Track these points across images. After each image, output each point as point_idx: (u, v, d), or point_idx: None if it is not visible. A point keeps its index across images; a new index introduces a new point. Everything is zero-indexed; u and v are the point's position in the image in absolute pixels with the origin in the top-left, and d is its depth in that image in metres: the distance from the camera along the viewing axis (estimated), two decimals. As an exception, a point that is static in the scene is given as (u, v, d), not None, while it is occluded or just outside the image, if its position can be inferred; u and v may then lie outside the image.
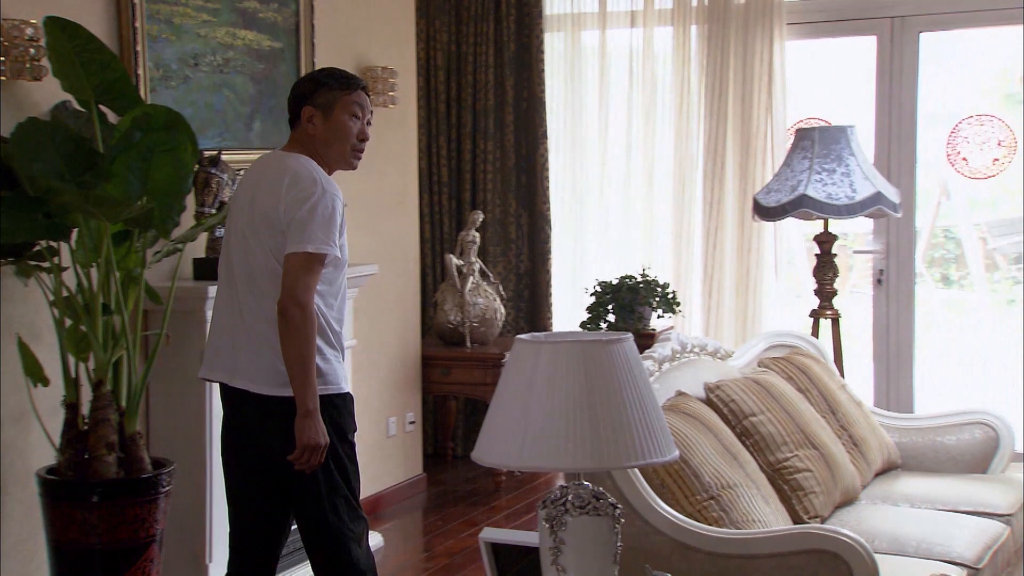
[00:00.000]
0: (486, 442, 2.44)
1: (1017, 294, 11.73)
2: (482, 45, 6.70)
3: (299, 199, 3.20)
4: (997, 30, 6.41)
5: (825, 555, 2.96)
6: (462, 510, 5.79)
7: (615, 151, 6.56)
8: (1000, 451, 4.29)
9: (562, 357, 2.36)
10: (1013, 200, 12.80)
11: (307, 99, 3.35)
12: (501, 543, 2.70)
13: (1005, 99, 11.38)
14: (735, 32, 6.23)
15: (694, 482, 3.26)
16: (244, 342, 3.28)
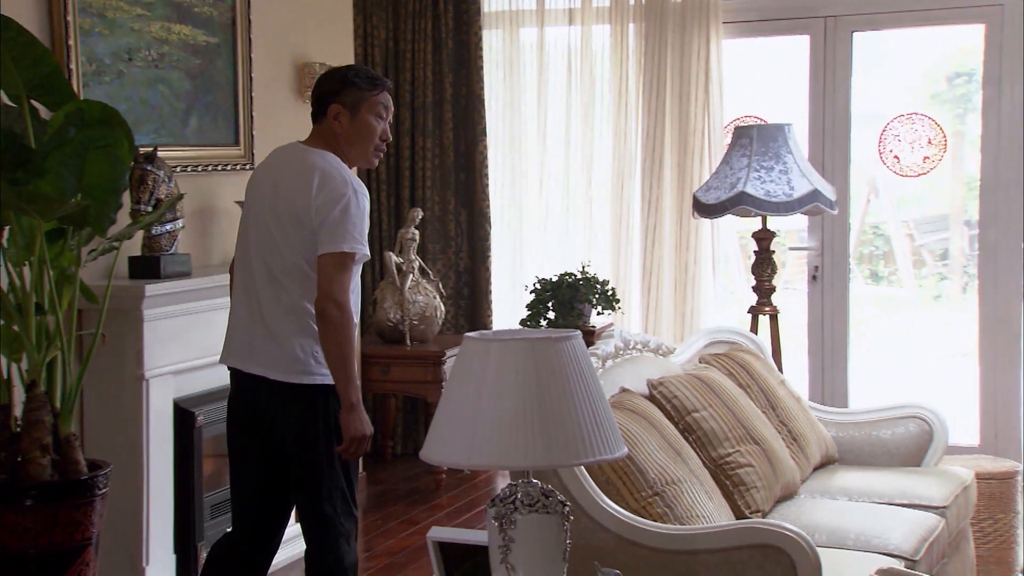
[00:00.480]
0: (435, 441, 2.43)
1: (943, 289, 11.97)
2: (420, 42, 6.67)
3: (331, 199, 3.26)
4: (926, 30, 6.53)
5: (769, 549, 2.98)
6: (402, 509, 5.76)
7: (554, 148, 6.57)
8: (934, 444, 4.36)
9: (511, 355, 2.36)
10: (939, 197, 13.07)
11: (335, 96, 3.40)
12: (449, 542, 2.69)
13: (931, 99, 11.61)
14: (672, 30, 6.27)
15: (639, 478, 3.27)
16: (261, 331, 3.36)
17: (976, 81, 11.49)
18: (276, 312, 3.34)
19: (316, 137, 3.46)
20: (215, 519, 4.67)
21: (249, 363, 3.39)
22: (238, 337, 3.45)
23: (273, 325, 3.35)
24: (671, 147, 6.28)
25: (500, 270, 6.71)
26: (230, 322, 3.52)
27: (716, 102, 6.20)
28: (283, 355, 3.33)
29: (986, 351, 6.08)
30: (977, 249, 5.95)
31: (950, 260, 12.13)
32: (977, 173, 11.79)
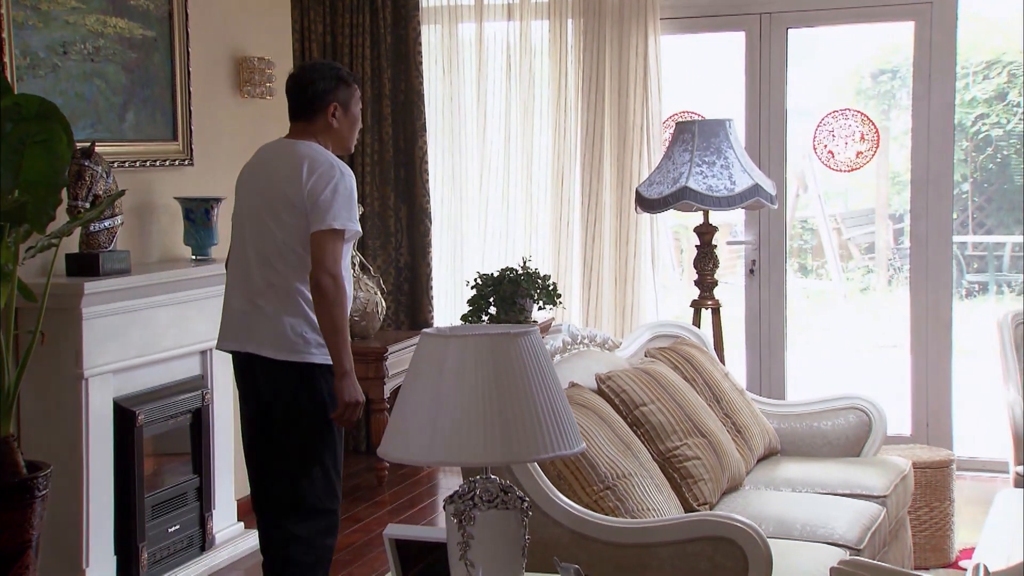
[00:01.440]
0: (394, 438, 2.42)
1: (870, 282, 12.20)
2: (358, 37, 6.62)
3: (321, 181, 3.54)
4: (856, 27, 6.63)
5: (720, 541, 3.02)
6: (345, 506, 5.69)
7: (494, 144, 6.57)
8: (872, 435, 4.44)
9: (470, 351, 2.36)
10: (864, 192, 13.30)
11: (331, 95, 3.70)
12: (406, 539, 2.68)
13: (856, 95, 11.81)
14: (610, 26, 6.30)
15: (590, 472, 3.29)
16: (256, 313, 3.62)
17: (900, 78, 11.74)
18: (269, 294, 3.59)
19: (303, 132, 3.72)
20: (156, 519, 4.62)
21: (245, 343, 3.65)
22: (234, 322, 3.69)
23: (266, 306, 3.60)
24: (610, 142, 6.31)
25: (441, 266, 6.69)
26: (224, 309, 3.76)
27: (654, 98, 6.25)
28: (275, 334, 3.57)
29: (917, 342, 6.20)
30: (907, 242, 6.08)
31: (876, 253, 12.39)
32: (901, 168, 12.04)
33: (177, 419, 4.79)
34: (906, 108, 11.79)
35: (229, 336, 3.73)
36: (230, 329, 3.73)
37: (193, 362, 4.88)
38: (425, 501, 5.82)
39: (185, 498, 4.83)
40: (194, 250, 5.03)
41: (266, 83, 5.64)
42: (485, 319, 5.99)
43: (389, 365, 6.02)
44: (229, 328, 3.74)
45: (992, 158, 11.28)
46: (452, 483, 6.15)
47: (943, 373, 6.15)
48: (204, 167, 5.27)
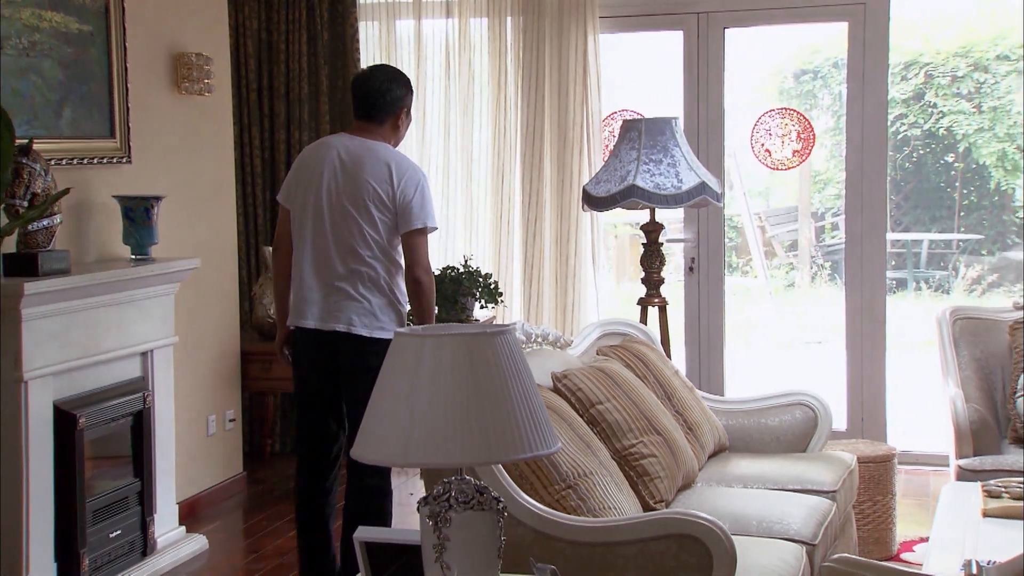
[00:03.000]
0: (368, 439, 2.39)
1: (794, 279, 12.40)
2: (294, 33, 6.55)
3: (409, 186, 3.99)
4: (789, 27, 6.72)
5: (685, 539, 3.03)
6: (287, 508, 5.65)
7: (434, 142, 6.54)
8: (818, 430, 4.50)
9: (447, 351, 2.34)
10: (786, 190, 13.52)
11: (403, 101, 4.12)
12: (377, 542, 2.65)
13: (780, 94, 11.99)
14: (550, 24, 6.30)
15: (552, 472, 3.29)
16: (340, 295, 4.01)
17: (821, 78, 11.94)
18: (353, 279, 4.00)
19: (372, 132, 4.08)
20: (97, 524, 4.51)
21: (331, 322, 4.03)
22: (313, 301, 4.05)
23: (351, 290, 4.01)
24: (550, 141, 6.32)
25: (380, 264, 6.63)
26: (298, 290, 4.09)
27: (594, 96, 6.27)
28: (365, 314, 4.01)
29: (852, 338, 6.29)
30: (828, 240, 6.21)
31: (799, 251, 12.60)
32: (822, 167, 12.24)
33: (118, 422, 4.69)
34: (827, 108, 12.05)
35: (310, 315, 4.06)
36: (310, 309, 4.06)
37: (134, 364, 4.79)
38: (368, 502, 5.76)
39: (126, 503, 4.73)
40: (133, 249, 4.93)
41: (204, 79, 5.54)
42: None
43: (330, 365, 5.95)
44: (308, 308, 4.06)
45: (909, 157, 11.55)
46: (395, 483, 6.10)
47: (878, 368, 6.26)
48: (142, 165, 5.17)
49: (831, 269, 12.04)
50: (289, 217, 4.18)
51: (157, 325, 4.90)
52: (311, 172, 4.09)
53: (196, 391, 5.59)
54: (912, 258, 11.89)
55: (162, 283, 4.90)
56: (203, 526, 5.34)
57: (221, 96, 5.84)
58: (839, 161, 12.15)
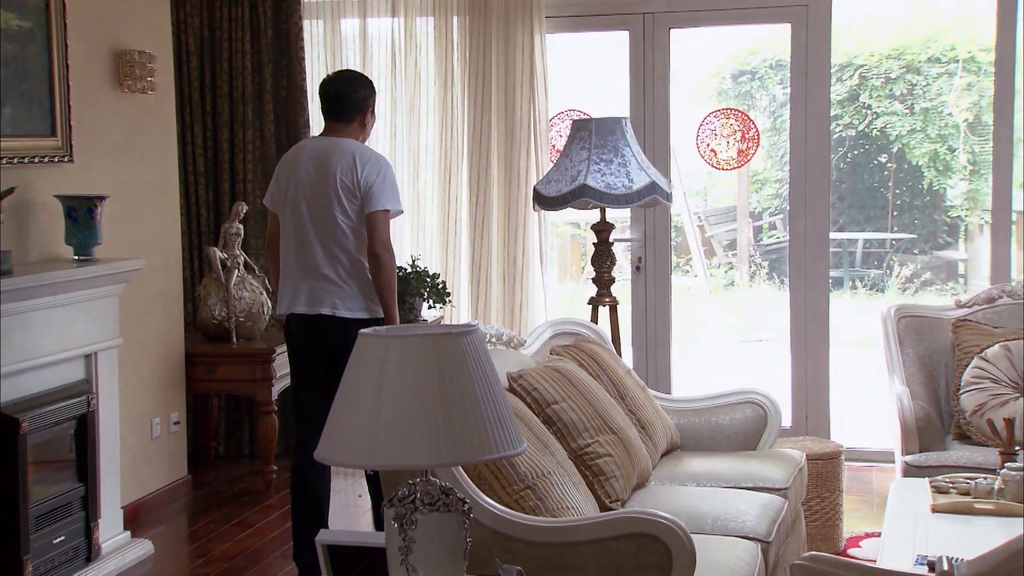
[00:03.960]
0: (333, 441, 2.36)
1: (733, 278, 12.52)
2: (237, 31, 6.47)
3: (373, 172, 4.34)
4: (734, 28, 6.77)
5: (645, 538, 3.03)
6: (233, 511, 5.60)
7: (380, 141, 6.49)
8: (768, 428, 4.53)
9: (413, 351, 2.32)
10: (722, 190, 13.63)
11: (368, 101, 4.48)
12: (339, 545, 2.63)
13: (719, 95, 12.10)
14: (496, 24, 6.29)
15: (511, 472, 3.28)
16: (323, 281, 4.35)
17: (759, 79, 12.06)
18: (334, 265, 4.34)
19: (340, 131, 4.44)
20: (40, 530, 4.42)
21: (315, 307, 4.36)
22: (301, 289, 4.39)
23: (332, 275, 4.34)
24: (498, 140, 6.31)
25: (326, 264, 6.58)
26: (285, 281, 4.43)
27: (541, 95, 6.27)
28: (346, 297, 4.35)
29: (796, 336, 6.35)
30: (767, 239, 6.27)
31: (738, 250, 12.72)
32: (760, 167, 12.36)
33: (62, 426, 4.60)
34: (764, 109, 12.18)
35: (296, 303, 4.40)
36: (296, 296, 4.40)
37: (77, 366, 4.70)
38: (315, 504, 5.71)
39: (70, 508, 4.64)
40: (76, 250, 4.84)
41: (147, 77, 5.46)
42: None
43: (276, 367, 5.90)
44: (295, 295, 4.40)
45: (844, 158, 11.70)
46: (338, 485, 6.06)
47: (821, 366, 6.32)
48: (84, 164, 5.07)
49: (770, 268, 12.17)
50: (277, 219, 4.52)
51: (101, 327, 4.81)
52: (288, 174, 4.46)
53: (140, 394, 5.51)
54: (848, 257, 12.05)
55: (106, 284, 4.81)
56: (148, 531, 5.26)
57: (164, 94, 5.75)
58: (776, 161, 12.29)
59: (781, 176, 12.19)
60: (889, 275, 11.80)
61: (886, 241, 12.18)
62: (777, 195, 12.42)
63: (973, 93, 11.30)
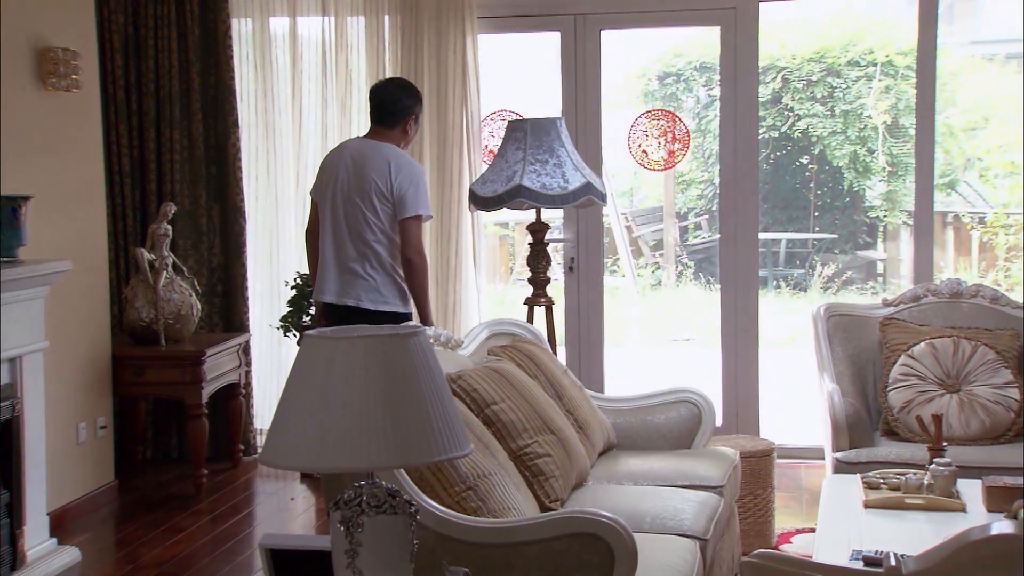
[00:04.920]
0: (278, 444, 2.33)
1: (660, 278, 12.63)
2: (163, 28, 6.37)
3: (406, 179, 4.68)
4: (663, 31, 6.83)
5: (587, 537, 3.03)
6: (162, 516, 5.51)
7: (311, 141, 6.44)
8: (703, 427, 4.57)
9: (359, 353, 2.29)
10: (648, 190, 13.75)
11: (412, 110, 4.83)
12: (282, 549, 2.59)
13: (644, 96, 12.21)
14: (428, 24, 6.27)
15: (452, 473, 3.26)
16: (351, 275, 4.73)
17: (684, 81, 12.18)
18: (362, 261, 4.72)
19: (382, 135, 4.81)
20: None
21: (344, 298, 4.74)
22: (332, 279, 4.76)
23: (360, 270, 4.72)
24: (430, 141, 6.28)
25: (257, 266, 6.52)
26: (321, 269, 4.80)
27: (473, 96, 6.25)
28: (371, 290, 4.72)
29: (727, 335, 6.42)
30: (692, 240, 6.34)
31: (665, 250, 12.84)
32: (685, 168, 12.48)
33: (-15, 432, 4.49)
34: (690, 110, 12.30)
35: (329, 292, 4.78)
36: (329, 286, 4.78)
37: (2, 371, 4.58)
38: (246, 510, 5.65)
39: (-6, 515, 4.52)
40: (0, 251, 4.71)
41: (72, 75, 5.34)
42: (307, 320, 5.87)
43: (207, 369, 5.81)
44: (328, 285, 4.78)
45: (767, 159, 11.86)
46: (270, 488, 6.00)
47: (751, 365, 6.39)
48: (8, 163, 4.95)
49: (696, 268, 12.29)
50: (317, 208, 4.91)
51: (26, 330, 4.70)
52: (329, 171, 4.85)
53: (66, 398, 5.39)
54: (772, 257, 12.22)
55: (31, 286, 4.70)
56: (74, 537, 5.15)
57: (88, 92, 5.64)
58: (701, 162, 12.43)
59: (706, 177, 12.32)
60: (811, 275, 11.98)
61: (808, 241, 12.36)
62: (702, 196, 12.55)
63: (891, 96, 11.52)
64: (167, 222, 5.95)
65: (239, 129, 6.38)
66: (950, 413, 4.76)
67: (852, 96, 11.61)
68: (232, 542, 5.12)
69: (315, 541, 2.57)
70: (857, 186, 11.93)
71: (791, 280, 12.11)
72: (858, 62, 11.54)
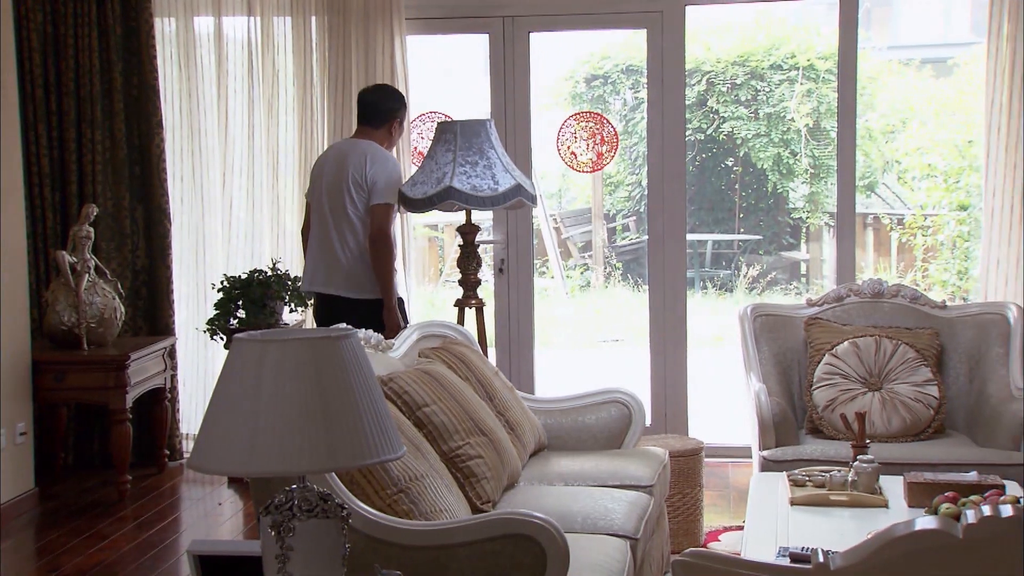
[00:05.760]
0: (207, 449, 2.31)
1: (589, 279, 12.69)
2: (83, 27, 6.25)
3: (379, 170, 5.09)
4: (592, 33, 6.87)
5: (520, 538, 3.03)
6: (85, 523, 5.40)
7: (238, 142, 6.36)
8: (633, 427, 4.60)
9: (291, 356, 2.28)
10: (575, 192, 13.81)
11: (396, 113, 5.31)
12: (211, 555, 2.56)
13: (572, 99, 12.27)
14: (356, 25, 6.23)
15: (384, 476, 3.25)
16: (336, 264, 5.13)
17: (611, 83, 12.26)
18: (344, 251, 5.10)
19: (366, 134, 5.24)
20: None
21: (328, 287, 5.15)
22: (319, 270, 5.16)
23: (344, 261, 5.11)
24: (358, 142, 6.24)
25: (183, 268, 6.43)
26: (308, 262, 5.24)
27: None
28: (353, 279, 5.12)
29: (656, 336, 6.47)
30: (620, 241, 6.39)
31: (593, 251, 12.91)
32: (613, 170, 12.56)
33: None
34: (616, 112, 12.38)
35: (316, 282, 5.19)
36: (315, 275, 5.18)
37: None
38: (172, 514, 5.57)
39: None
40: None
41: (-10, 74, 5.23)
42: (234, 322, 5.80)
43: (131, 373, 5.72)
44: (314, 275, 5.19)
45: (692, 161, 11.97)
46: (197, 493, 5.93)
47: (680, 365, 6.45)
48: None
49: (624, 269, 12.37)
50: (310, 208, 5.30)
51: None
52: (317, 169, 5.31)
53: (-15, 404, 5.27)
54: (698, 258, 12.34)
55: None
56: (-5, 547, 5.04)
57: (6, 92, 5.52)
58: (629, 164, 12.52)
59: (634, 179, 12.40)
60: (737, 275, 12.12)
61: (734, 242, 12.51)
62: (630, 197, 12.64)
63: (813, 99, 11.69)
64: (89, 224, 5.84)
65: (163, 130, 6.29)
66: (873, 411, 4.84)
67: (775, 99, 11.77)
68: (158, 549, 5.05)
69: (245, 546, 2.54)
70: (781, 188, 12.09)
71: (717, 281, 12.24)
72: (781, 66, 11.69)
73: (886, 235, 10.95)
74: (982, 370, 5.04)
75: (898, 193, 11.59)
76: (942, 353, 5.10)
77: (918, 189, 10.46)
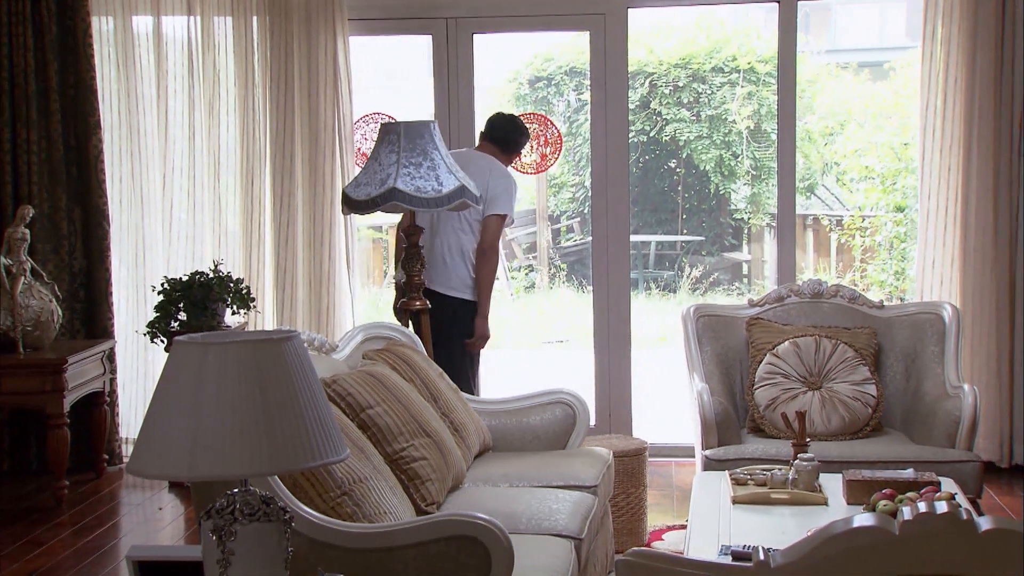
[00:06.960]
0: (147, 453, 2.28)
1: (534, 280, 12.72)
2: (18, 26, 6.14)
3: (499, 184, 5.45)
4: (535, 35, 6.88)
5: (464, 540, 3.03)
6: (21, 530, 5.32)
7: (178, 144, 6.29)
8: (577, 427, 4.61)
9: (232, 358, 2.26)
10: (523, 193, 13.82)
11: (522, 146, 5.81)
12: (151, 560, 2.53)
13: (516, 100, 12.29)
14: (297, 25, 6.19)
15: (327, 479, 3.23)
16: (441, 264, 5.44)
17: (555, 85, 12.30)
18: (452, 254, 5.44)
19: (491, 150, 5.61)
20: None
21: (433, 284, 5.38)
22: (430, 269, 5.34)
23: (450, 262, 5.45)
24: (301, 143, 6.20)
25: (122, 270, 6.34)
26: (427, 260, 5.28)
27: (345, 98, 6.20)
28: (453, 280, 5.45)
29: (600, 336, 6.49)
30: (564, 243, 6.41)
31: (538, 253, 12.93)
32: (557, 171, 12.59)
33: None
34: (560, 114, 12.42)
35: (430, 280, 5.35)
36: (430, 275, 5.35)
37: None
38: (112, 521, 5.50)
39: None
40: None
41: (-77, 72, 5.13)
42: (175, 325, 5.74)
43: (69, 377, 5.64)
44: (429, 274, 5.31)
45: (636, 163, 12.04)
46: (137, 498, 5.86)
47: (624, 365, 6.48)
48: None
49: (568, 270, 12.41)
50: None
51: None
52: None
53: (-82, 409, 5.17)
54: (642, 259, 12.42)
55: None
56: (-72, 555, 4.94)
57: (-59, 91, 5.42)
58: (572, 165, 12.56)
59: (578, 180, 12.45)
60: (680, 276, 12.21)
61: (677, 243, 12.59)
62: (574, 199, 12.69)
63: (753, 102, 11.81)
64: (24, 226, 5.75)
65: (101, 130, 6.20)
66: (813, 410, 4.90)
67: (717, 101, 11.87)
68: (97, 554, 4.98)
69: (185, 551, 2.52)
70: (723, 189, 12.20)
71: (661, 282, 12.31)
72: (722, 68, 11.80)
73: (826, 236, 11.09)
74: (918, 369, 5.12)
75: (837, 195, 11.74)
76: (880, 352, 5.17)
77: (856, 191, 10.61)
